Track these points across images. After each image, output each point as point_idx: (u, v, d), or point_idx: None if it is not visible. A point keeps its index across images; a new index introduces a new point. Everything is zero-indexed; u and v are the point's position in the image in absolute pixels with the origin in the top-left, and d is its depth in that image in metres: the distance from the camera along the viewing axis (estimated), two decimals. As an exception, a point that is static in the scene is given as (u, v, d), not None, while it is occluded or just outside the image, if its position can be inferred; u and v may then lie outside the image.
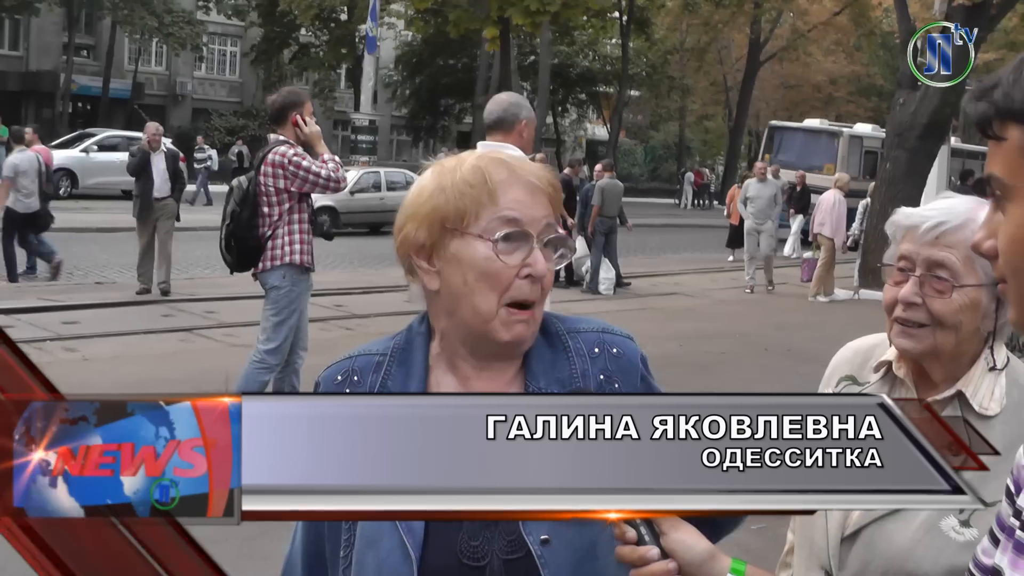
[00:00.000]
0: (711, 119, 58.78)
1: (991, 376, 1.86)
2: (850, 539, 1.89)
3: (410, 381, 1.64)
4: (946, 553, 1.78)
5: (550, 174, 1.64)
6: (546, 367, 1.64)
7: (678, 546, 1.35)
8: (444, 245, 1.58)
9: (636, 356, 1.72)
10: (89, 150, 28.98)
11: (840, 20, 45.03)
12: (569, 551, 1.52)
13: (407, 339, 1.70)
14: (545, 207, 1.60)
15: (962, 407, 1.85)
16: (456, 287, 1.58)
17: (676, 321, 13.04)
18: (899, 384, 1.96)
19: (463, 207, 1.56)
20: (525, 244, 1.56)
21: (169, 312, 11.74)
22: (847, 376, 2.06)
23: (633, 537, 1.35)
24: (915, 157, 15.99)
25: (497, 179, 1.56)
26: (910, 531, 1.81)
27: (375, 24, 31.55)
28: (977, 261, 1.81)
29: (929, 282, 1.85)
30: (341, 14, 43.84)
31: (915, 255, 1.87)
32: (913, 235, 1.88)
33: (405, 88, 49.71)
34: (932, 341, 1.85)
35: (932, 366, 1.89)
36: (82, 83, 41.18)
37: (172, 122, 44.97)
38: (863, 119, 58.12)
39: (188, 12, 41.03)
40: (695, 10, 41.31)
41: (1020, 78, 0.98)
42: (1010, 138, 1.00)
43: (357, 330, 11.08)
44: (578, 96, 51.64)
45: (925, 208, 1.90)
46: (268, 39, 44.71)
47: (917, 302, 1.85)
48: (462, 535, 1.56)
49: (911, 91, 15.84)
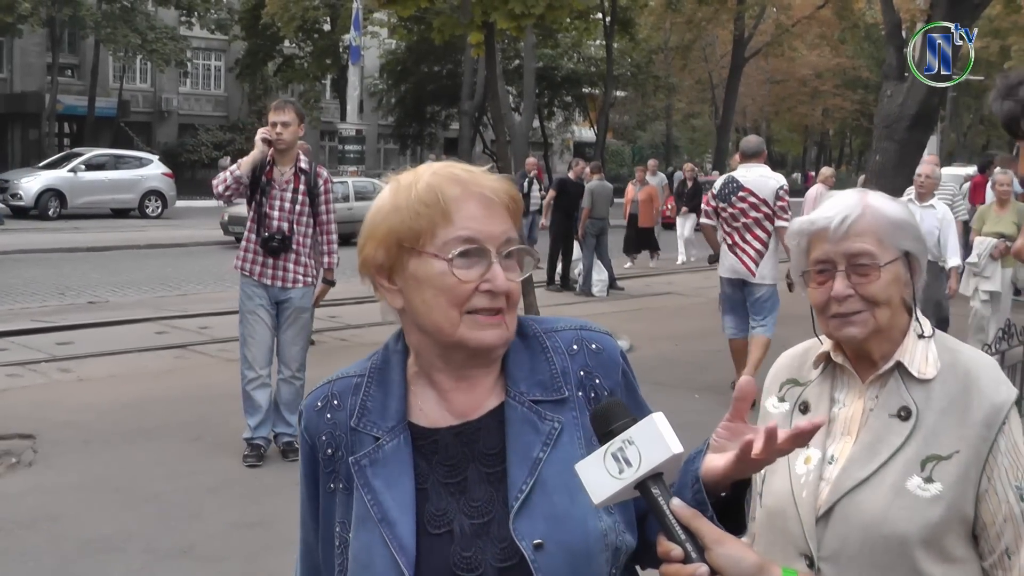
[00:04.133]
0: (698, 117, 58.85)
1: (923, 343, 2.00)
2: (824, 518, 1.94)
3: (389, 400, 1.64)
4: (918, 510, 1.86)
5: (508, 186, 1.63)
6: (525, 372, 1.63)
7: (725, 561, 1.33)
8: (403, 264, 1.59)
9: (616, 352, 1.72)
10: (77, 170, 28.95)
11: (824, 14, 45.09)
12: (563, 554, 1.51)
13: (384, 358, 1.70)
14: (503, 221, 1.59)
15: (902, 376, 1.97)
16: (417, 305, 1.59)
17: (671, 320, 13.04)
18: (839, 371, 2.06)
19: (418, 227, 1.56)
20: (483, 260, 1.56)
21: (163, 329, 11.70)
22: (789, 380, 2.15)
23: (679, 555, 1.33)
24: (904, 148, 15.94)
25: (450, 196, 1.56)
26: (880, 496, 1.89)
27: (358, 33, 31.55)
28: (885, 238, 1.96)
29: (854, 272, 1.96)
30: (324, 25, 43.82)
31: (832, 254, 1.98)
32: (823, 237, 1.99)
33: (391, 96, 49.68)
34: (873, 321, 1.96)
35: (873, 345, 1.99)
36: (68, 103, 41.05)
37: (159, 138, 44.98)
38: (850, 112, 58.52)
39: (171, 28, 40.93)
40: (678, 8, 41.28)
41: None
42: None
43: (352, 340, 11.06)
44: (564, 99, 51.62)
45: (824, 211, 2.01)
46: (252, 52, 44.68)
47: (850, 293, 1.95)
48: (454, 547, 1.55)
49: (897, 83, 15.84)
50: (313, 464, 1.68)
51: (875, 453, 1.93)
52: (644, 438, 1.35)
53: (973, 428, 1.87)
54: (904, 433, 1.91)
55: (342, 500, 1.62)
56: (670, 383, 9.10)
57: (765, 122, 63.27)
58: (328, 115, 47.32)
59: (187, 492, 6.27)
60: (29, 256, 19.24)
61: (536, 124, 46.66)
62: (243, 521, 5.78)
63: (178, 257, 19.19)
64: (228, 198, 6.92)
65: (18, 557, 5.27)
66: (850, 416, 2.01)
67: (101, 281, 16.31)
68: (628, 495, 1.36)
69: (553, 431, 1.57)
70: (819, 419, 1.70)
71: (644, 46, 47.03)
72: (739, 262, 8.76)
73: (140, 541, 5.48)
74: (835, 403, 2.05)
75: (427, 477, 1.59)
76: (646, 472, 1.34)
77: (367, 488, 1.58)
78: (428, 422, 1.63)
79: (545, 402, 1.60)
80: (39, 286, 15.44)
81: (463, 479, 1.59)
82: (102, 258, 19.12)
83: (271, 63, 46.03)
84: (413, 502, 1.56)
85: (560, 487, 1.41)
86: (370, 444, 1.61)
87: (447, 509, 1.57)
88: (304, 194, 6.81)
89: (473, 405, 1.63)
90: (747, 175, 8.78)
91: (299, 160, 6.84)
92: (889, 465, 1.91)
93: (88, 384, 8.98)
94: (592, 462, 1.38)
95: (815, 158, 69.01)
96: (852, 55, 55.02)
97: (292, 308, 6.87)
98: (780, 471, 2.02)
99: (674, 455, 1.34)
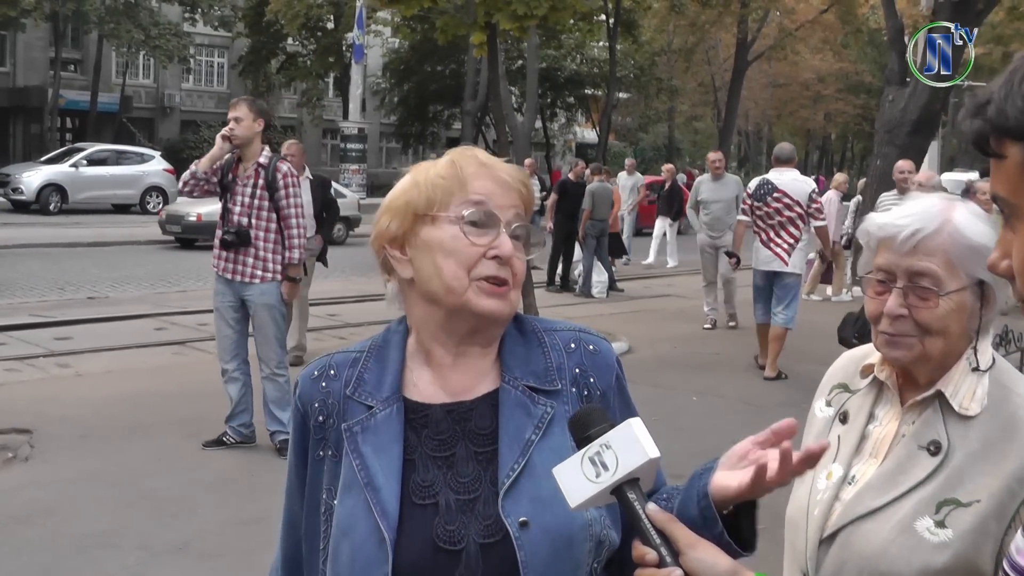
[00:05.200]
0: (700, 120, 58.84)
1: (973, 376, 1.83)
2: (828, 541, 1.88)
3: (385, 375, 1.66)
4: (919, 553, 1.75)
5: (524, 175, 1.69)
6: (521, 360, 1.66)
7: (698, 565, 1.33)
8: (415, 233, 1.63)
9: (612, 356, 1.73)
10: (78, 165, 28.94)
11: (827, 18, 45.08)
12: (546, 536, 1.52)
13: (385, 338, 1.73)
14: (515, 200, 1.64)
15: (942, 407, 1.83)
16: (427, 271, 1.62)
17: (670, 322, 13.04)
18: (884, 388, 1.95)
19: (434, 197, 1.62)
20: (492, 228, 1.60)
21: (162, 326, 11.70)
22: (840, 384, 2.04)
23: (654, 559, 1.33)
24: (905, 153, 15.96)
25: (469, 171, 1.62)
26: (885, 531, 1.79)
27: (362, 32, 31.61)
28: (958, 263, 1.78)
29: (913, 292, 1.81)
30: (328, 23, 43.81)
31: (894, 266, 1.83)
32: (890, 245, 1.84)
33: (393, 95, 49.63)
34: (921, 349, 1.82)
35: (919, 370, 1.87)
36: (70, 98, 41.05)
37: (161, 134, 44.96)
38: (852, 116, 58.52)
39: (174, 24, 40.91)
40: (682, 11, 41.27)
41: (1011, 92, 0.93)
42: (1009, 156, 0.95)
43: (351, 339, 11.04)
44: (567, 99, 51.58)
45: (897, 215, 1.84)
46: (255, 50, 44.65)
47: (903, 314, 1.81)
48: (438, 519, 1.56)
49: (899, 87, 15.85)
50: (304, 433, 1.71)
51: (894, 484, 1.82)
52: (621, 443, 1.36)
53: (1002, 480, 1.72)
54: (928, 468, 1.79)
55: (330, 467, 1.64)
56: (669, 385, 9.11)
57: (767, 126, 63.31)
58: (331, 113, 47.33)
59: (183, 488, 6.27)
60: (29, 250, 19.22)
61: (538, 125, 46.64)
62: (239, 518, 5.77)
63: (178, 253, 19.16)
64: (191, 195, 7.08)
65: (12, 552, 5.27)
66: (882, 437, 1.91)
67: (101, 276, 16.30)
68: (605, 499, 1.37)
69: (545, 415, 1.60)
70: (824, 442, 1.59)
71: (647, 48, 47.04)
72: (773, 255, 9.67)
73: (136, 537, 5.48)
74: (872, 419, 1.94)
75: (416, 449, 1.61)
76: (622, 476, 1.34)
77: (356, 454, 1.60)
78: (422, 398, 1.65)
79: (539, 390, 1.63)
80: (38, 280, 15.44)
81: (452, 454, 1.61)
82: (102, 253, 19.10)
83: (274, 60, 46.00)
84: (399, 470, 1.58)
85: (548, 472, 1.41)
86: (363, 412, 1.63)
87: (433, 481, 1.59)
88: (263, 188, 6.82)
89: (468, 386, 1.65)
90: (781, 178, 9.77)
91: (260, 155, 6.88)
92: (904, 500, 1.80)
93: (86, 379, 8.97)
94: (569, 466, 1.38)
95: (817, 162, 68.98)
96: (855, 60, 55.00)
97: (254, 304, 6.87)
98: (806, 481, 1.96)
99: (650, 459, 1.35)
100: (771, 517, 1.84)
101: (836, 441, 1.97)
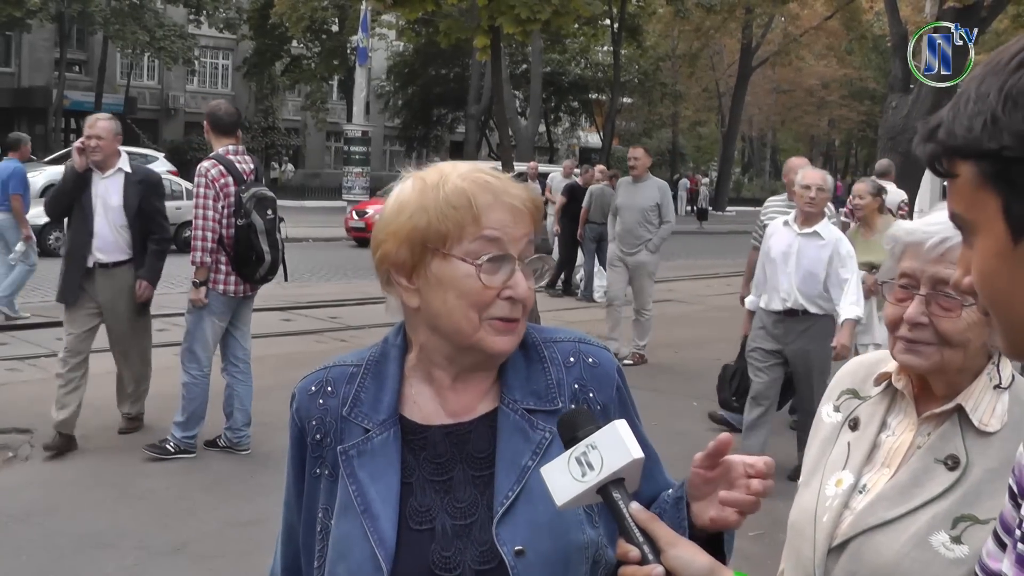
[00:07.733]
0: (704, 125, 58.90)
1: (994, 393, 1.81)
2: (837, 550, 1.84)
3: (383, 394, 1.64)
4: (933, 568, 1.73)
5: (532, 194, 1.64)
6: (521, 380, 1.64)
7: (677, 562, 1.35)
8: (425, 264, 1.57)
9: (612, 367, 1.71)
10: (82, 165, 28.89)
11: (831, 24, 45.14)
12: (542, 562, 1.51)
13: (382, 351, 1.70)
14: (527, 227, 1.60)
15: (961, 421, 1.81)
16: (437, 307, 1.58)
17: (671, 328, 13.01)
18: (898, 396, 1.92)
19: (445, 229, 1.55)
20: (507, 265, 1.56)
21: (163, 327, 11.68)
22: (849, 389, 2.01)
23: (636, 556, 1.35)
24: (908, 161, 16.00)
25: (482, 203, 1.55)
26: (898, 544, 1.77)
27: (366, 35, 31.61)
28: None
29: (936, 300, 1.79)
30: (332, 26, 43.90)
31: (919, 272, 1.81)
32: (917, 252, 1.82)
33: (397, 99, 49.74)
34: (939, 359, 1.80)
35: (936, 381, 1.85)
36: (74, 98, 41.16)
37: (165, 136, 45.04)
38: (856, 123, 58.54)
39: (179, 26, 41.03)
40: (686, 16, 41.32)
41: (959, 115, 0.97)
42: (961, 174, 0.98)
43: (352, 342, 11.04)
44: (571, 104, 51.71)
45: (927, 223, 1.83)
46: (260, 52, 44.77)
47: (924, 322, 1.79)
48: (434, 545, 1.55)
49: (903, 94, 15.86)
50: (301, 447, 1.69)
51: (908, 496, 1.79)
52: (606, 443, 1.38)
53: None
54: (946, 483, 1.76)
55: (327, 486, 1.63)
56: (669, 390, 9.10)
57: (771, 131, 63.37)
58: (334, 116, 47.40)
59: (181, 489, 6.27)
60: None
61: (542, 129, 46.71)
62: (237, 520, 5.77)
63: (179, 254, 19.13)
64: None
65: (11, 551, 5.27)
66: (895, 447, 1.87)
67: (103, 277, 16.27)
68: (590, 498, 1.39)
69: (544, 440, 1.58)
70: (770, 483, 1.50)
71: (651, 53, 47.16)
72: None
73: (134, 538, 5.48)
74: (885, 428, 1.90)
75: (413, 472, 1.60)
76: (607, 476, 1.37)
77: (352, 479, 1.59)
78: (421, 417, 1.63)
79: (538, 412, 1.61)
80: (40, 280, 15.42)
81: (449, 478, 1.60)
82: (105, 254, 19.07)
83: (279, 63, 46.12)
84: (397, 497, 1.57)
85: (546, 497, 1.41)
86: (359, 435, 1.61)
87: (431, 506, 1.58)
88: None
89: (467, 406, 1.64)
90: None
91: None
92: (919, 513, 1.77)
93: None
94: (557, 466, 1.41)
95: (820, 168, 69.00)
96: (859, 66, 55.02)
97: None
98: (812, 486, 1.94)
99: (634, 460, 1.37)
100: (770, 522, 1.83)
101: (846, 448, 1.94)
